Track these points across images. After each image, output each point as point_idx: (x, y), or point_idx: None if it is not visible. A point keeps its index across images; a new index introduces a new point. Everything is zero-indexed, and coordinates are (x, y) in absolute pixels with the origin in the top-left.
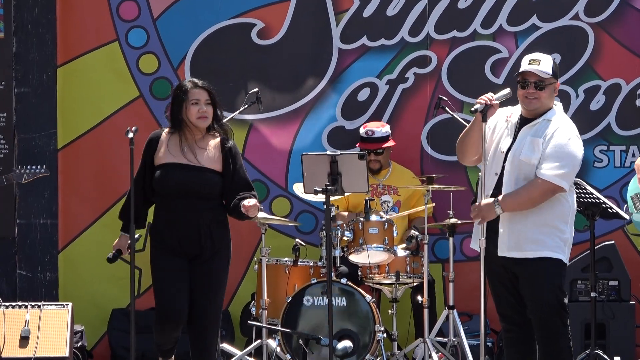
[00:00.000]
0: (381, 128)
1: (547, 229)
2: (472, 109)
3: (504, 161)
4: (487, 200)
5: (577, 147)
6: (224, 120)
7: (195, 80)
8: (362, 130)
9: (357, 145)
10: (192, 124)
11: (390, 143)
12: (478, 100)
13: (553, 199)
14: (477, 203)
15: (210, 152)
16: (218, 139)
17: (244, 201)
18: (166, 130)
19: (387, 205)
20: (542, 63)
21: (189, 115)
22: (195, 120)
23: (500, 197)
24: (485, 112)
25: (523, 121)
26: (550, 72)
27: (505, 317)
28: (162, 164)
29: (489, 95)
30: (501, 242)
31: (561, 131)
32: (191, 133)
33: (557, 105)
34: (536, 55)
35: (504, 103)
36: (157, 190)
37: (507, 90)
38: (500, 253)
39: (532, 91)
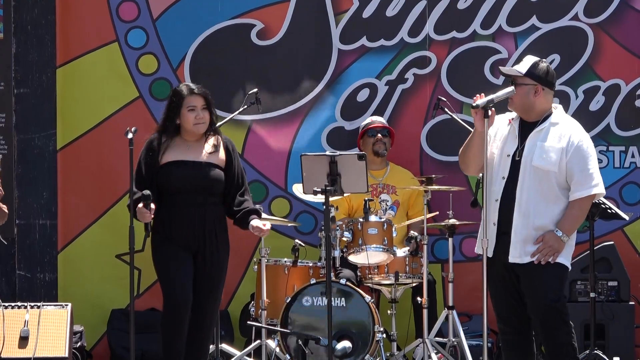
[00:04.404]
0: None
1: None
2: (474, 104)
3: (511, 165)
4: (551, 235)
5: (591, 147)
6: (224, 121)
7: (192, 85)
8: (364, 123)
9: (359, 134)
10: (188, 130)
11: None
12: (476, 96)
13: (555, 202)
14: (542, 241)
15: (211, 149)
16: (215, 137)
17: (254, 222)
18: (156, 135)
19: (386, 204)
20: (521, 63)
21: (185, 122)
22: (192, 127)
23: (558, 229)
24: (487, 109)
25: (524, 125)
26: (524, 72)
27: (502, 318)
28: (168, 162)
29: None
30: (513, 248)
31: (574, 137)
32: (188, 136)
33: (558, 108)
34: (525, 57)
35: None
36: (163, 188)
37: (510, 89)
38: (511, 260)
39: None
